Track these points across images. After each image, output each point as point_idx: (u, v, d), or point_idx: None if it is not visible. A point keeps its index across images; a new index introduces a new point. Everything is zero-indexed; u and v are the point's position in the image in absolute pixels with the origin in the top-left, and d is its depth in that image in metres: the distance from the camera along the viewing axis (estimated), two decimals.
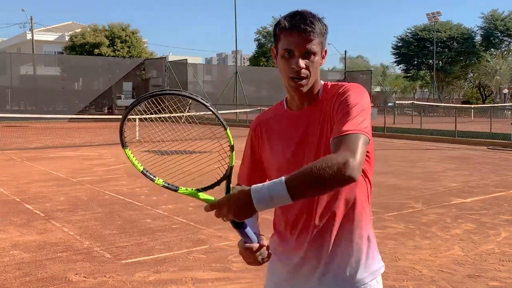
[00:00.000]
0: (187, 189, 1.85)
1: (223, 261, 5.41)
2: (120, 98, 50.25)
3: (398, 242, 6.09)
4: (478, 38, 63.90)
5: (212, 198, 1.75)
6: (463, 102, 65.70)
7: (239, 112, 32.55)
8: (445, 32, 62.63)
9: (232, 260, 5.43)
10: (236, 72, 39.34)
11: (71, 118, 30.07)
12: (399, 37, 67.11)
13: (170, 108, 2.13)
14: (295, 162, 1.86)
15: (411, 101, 53.88)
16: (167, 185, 1.89)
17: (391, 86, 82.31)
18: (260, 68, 52.63)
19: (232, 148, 1.82)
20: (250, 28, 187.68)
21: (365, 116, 1.74)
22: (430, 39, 61.37)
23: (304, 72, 1.82)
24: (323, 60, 1.88)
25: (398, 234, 6.46)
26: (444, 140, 20.18)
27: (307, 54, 1.82)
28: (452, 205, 8.20)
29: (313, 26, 1.80)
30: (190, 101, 1.87)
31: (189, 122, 2.46)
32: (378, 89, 61.03)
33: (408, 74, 69.25)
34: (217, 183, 1.82)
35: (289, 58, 1.83)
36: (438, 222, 7.10)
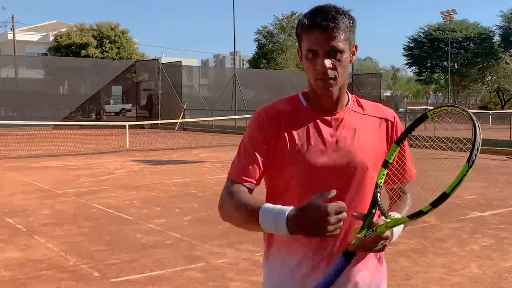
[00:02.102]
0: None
1: (220, 280, 5.42)
2: (109, 103, 50.33)
3: (410, 259, 6.10)
4: (496, 38, 64.10)
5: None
6: (481, 108, 65.80)
7: (238, 118, 32.57)
8: (460, 32, 62.83)
9: (230, 278, 5.44)
10: (235, 75, 39.38)
11: (56, 125, 30.08)
12: (411, 37, 67.33)
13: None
14: (330, 166, 1.86)
15: (424, 107, 53.94)
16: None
17: (402, 90, 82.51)
18: (261, 70, 52.68)
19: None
20: (250, 27, 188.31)
21: None
22: (445, 40, 61.53)
23: (331, 73, 1.79)
24: (353, 56, 1.86)
25: (411, 250, 6.47)
26: (460, 149, 20.18)
27: (333, 53, 1.78)
28: (468, 219, 8.21)
29: (336, 22, 1.77)
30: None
31: None
32: (388, 93, 61.09)
33: (421, 77, 69.40)
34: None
35: (313, 58, 1.80)
36: (453, 237, 7.11)
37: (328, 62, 1.78)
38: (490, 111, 42.36)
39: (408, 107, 51.45)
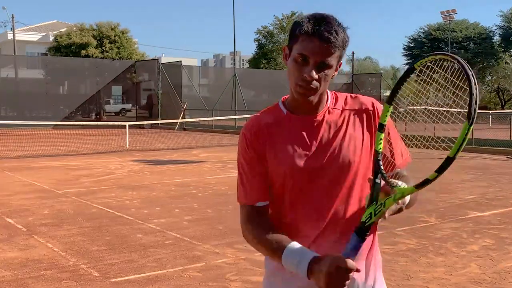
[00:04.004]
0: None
1: (221, 279, 5.42)
2: (109, 103, 50.38)
3: (410, 259, 6.10)
4: (496, 38, 64.01)
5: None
6: (481, 108, 65.64)
7: (238, 118, 32.57)
8: (460, 32, 62.79)
9: (230, 278, 5.44)
10: (235, 75, 39.38)
11: (56, 125, 30.11)
12: (411, 37, 67.29)
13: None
14: (318, 167, 1.88)
15: (424, 107, 53.85)
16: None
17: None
18: (261, 70, 52.71)
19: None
20: (250, 27, 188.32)
21: None
22: (445, 39, 61.50)
23: (314, 84, 1.81)
24: (335, 72, 1.88)
25: (410, 250, 6.47)
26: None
27: (322, 66, 1.80)
28: (468, 219, 8.21)
29: (337, 37, 1.78)
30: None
31: None
32: (388, 93, 60.98)
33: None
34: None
35: (302, 64, 1.81)
36: (453, 237, 7.11)
37: (315, 74, 1.80)
38: (490, 111, 42.33)
39: (408, 107, 51.37)
